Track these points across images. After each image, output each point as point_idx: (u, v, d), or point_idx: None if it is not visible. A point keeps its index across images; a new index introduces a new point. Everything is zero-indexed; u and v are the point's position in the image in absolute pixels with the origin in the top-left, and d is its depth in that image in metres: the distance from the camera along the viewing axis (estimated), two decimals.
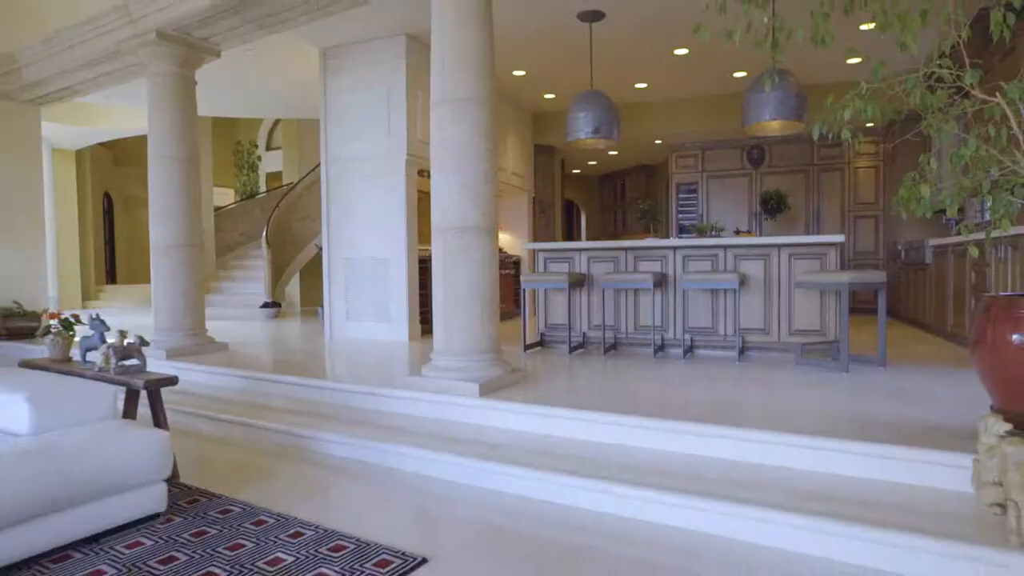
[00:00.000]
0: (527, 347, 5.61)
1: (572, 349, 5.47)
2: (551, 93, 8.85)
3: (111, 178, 14.50)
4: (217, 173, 13.58)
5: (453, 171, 3.92)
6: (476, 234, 3.92)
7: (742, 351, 5.19)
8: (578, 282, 5.55)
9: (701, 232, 6.07)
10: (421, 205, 7.79)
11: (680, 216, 10.19)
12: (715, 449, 2.94)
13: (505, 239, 9.97)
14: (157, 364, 5.41)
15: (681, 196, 10.13)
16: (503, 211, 9.99)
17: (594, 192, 13.65)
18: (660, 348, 5.43)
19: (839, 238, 4.73)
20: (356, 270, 6.88)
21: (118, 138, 11.73)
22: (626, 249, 5.61)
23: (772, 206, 7.66)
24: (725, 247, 5.26)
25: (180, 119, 5.68)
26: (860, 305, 8.27)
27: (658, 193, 11.92)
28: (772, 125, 5.63)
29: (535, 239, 10.03)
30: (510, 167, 9.14)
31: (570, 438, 3.28)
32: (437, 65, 3.99)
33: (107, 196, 14.74)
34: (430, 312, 7.32)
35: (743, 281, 5.13)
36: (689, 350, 5.34)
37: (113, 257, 15.04)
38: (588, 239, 13.76)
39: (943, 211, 7.69)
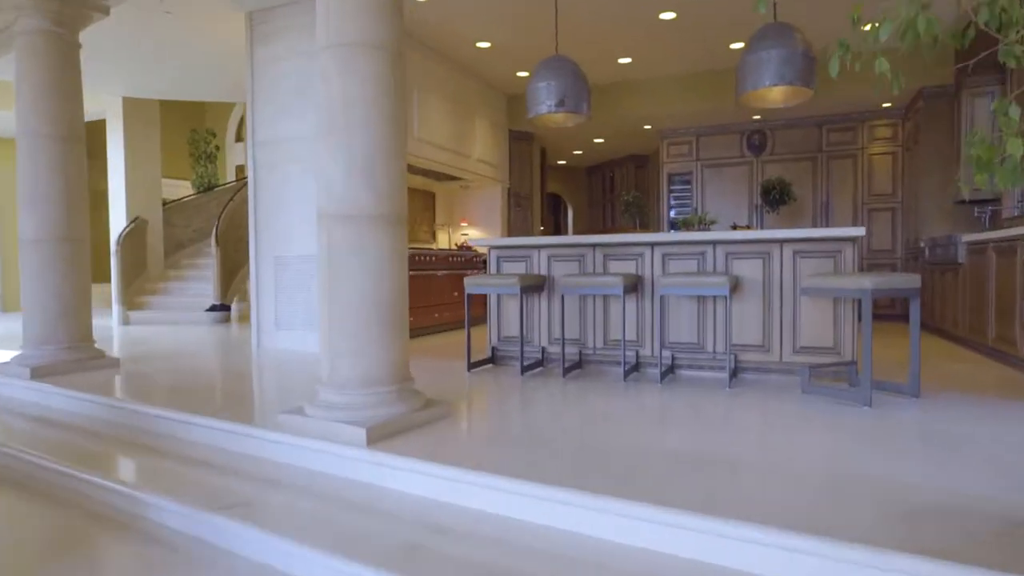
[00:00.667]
0: (473, 365, 4.61)
1: (525, 368, 4.46)
2: (525, 71, 7.83)
3: None
4: (175, 163, 12.61)
5: (342, 140, 2.92)
6: (372, 225, 2.91)
7: (734, 372, 4.18)
8: (535, 286, 4.55)
9: (687, 225, 5.03)
10: None
11: (672, 209, 9.17)
12: (687, 546, 1.93)
13: (475, 236, 8.96)
14: (18, 386, 4.42)
15: (673, 188, 9.11)
16: (472, 204, 8.99)
17: (581, 185, 12.63)
18: (634, 367, 4.42)
19: (857, 231, 3.71)
20: (287, 271, 5.88)
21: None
22: (593, 246, 4.60)
23: (774, 196, 6.66)
24: (714, 243, 4.24)
25: (56, 88, 4.69)
26: (875, 310, 7.24)
27: (650, 185, 10.90)
28: (774, 94, 4.60)
29: (509, 235, 9.03)
30: (477, 154, 8.13)
31: (490, 515, 2.27)
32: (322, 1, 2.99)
33: None
34: None
35: (736, 286, 4.12)
36: (670, 370, 4.32)
37: None
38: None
39: (975, 201, 6.64)
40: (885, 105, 7.80)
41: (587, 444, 2.72)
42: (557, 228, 13.88)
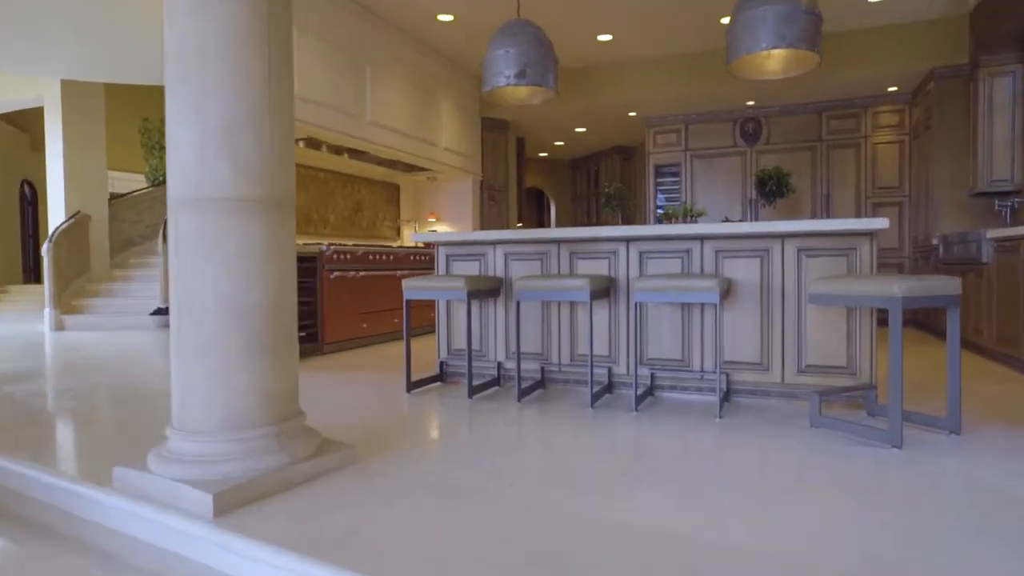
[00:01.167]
0: (416, 385, 3.85)
1: (476, 389, 3.70)
2: None
3: (30, 164, 12.71)
4: (128, 155, 11.76)
5: (191, 100, 2.16)
6: (235, 211, 2.15)
7: (726, 396, 3.44)
8: (488, 290, 3.80)
9: (671, 218, 4.25)
10: (303, 179, 6.04)
11: (660, 204, 8.43)
12: None
13: (442, 231, 8.19)
14: None
15: (661, 180, 8.38)
16: (441, 197, 8.23)
17: (565, 179, 11.89)
18: (606, 388, 3.68)
19: (878, 223, 2.97)
20: None
21: (16, 110, 9.93)
22: (558, 242, 3.85)
23: (771, 188, 5.96)
24: (701, 238, 3.50)
25: None
26: (879, 312, 6.56)
27: (637, 179, 10.18)
28: (772, 62, 3.87)
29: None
30: (444, 142, 7.37)
31: None
32: None
33: (29, 184, 13.00)
34: (310, 327, 5.54)
35: (728, 290, 3.38)
36: (648, 392, 3.58)
37: (37, 252, 13.29)
38: None
39: (996, 193, 5.94)
40: (891, 89, 7.10)
41: (529, 525, 1.97)
42: (540, 225, 13.13)
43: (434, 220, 8.18)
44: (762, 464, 2.41)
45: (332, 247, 5.58)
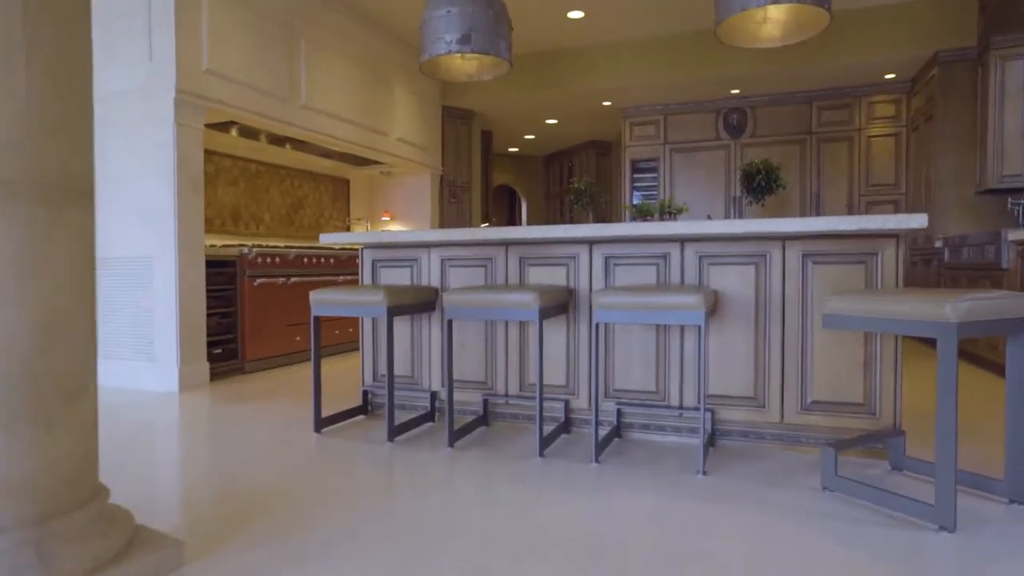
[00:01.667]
0: (327, 421, 3.09)
1: (400, 429, 2.95)
2: None
3: None
4: None
5: None
6: None
7: (711, 439, 2.74)
8: (418, 304, 3.05)
9: (645, 214, 3.52)
10: (216, 174, 5.23)
11: (637, 202, 7.75)
12: None
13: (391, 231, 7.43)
14: None
15: (638, 176, 7.70)
16: (397, 193, 7.47)
17: (537, 175, 11.18)
18: (563, 427, 2.95)
19: (915, 220, 2.26)
20: (107, 276, 4.31)
21: None
22: (505, 244, 3.12)
23: (759, 183, 5.30)
24: (682, 240, 2.80)
25: None
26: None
27: (613, 175, 9.50)
28: (769, 26, 3.19)
29: None
30: (398, 132, 6.61)
31: None
32: None
33: None
34: (228, 342, 4.62)
35: (715, 306, 2.68)
36: (615, 432, 2.86)
37: None
38: None
39: (1007, 190, 5.32)
40: (888, 76, 6.48)
41: None
42: (512, 224, 12.41)
43: (388, 219, 7.42)
44: (765, 564, 1.70)
45: (255, 250, 4.79)
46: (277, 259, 5.03)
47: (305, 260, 5.37)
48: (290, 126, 5.05)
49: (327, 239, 3.22)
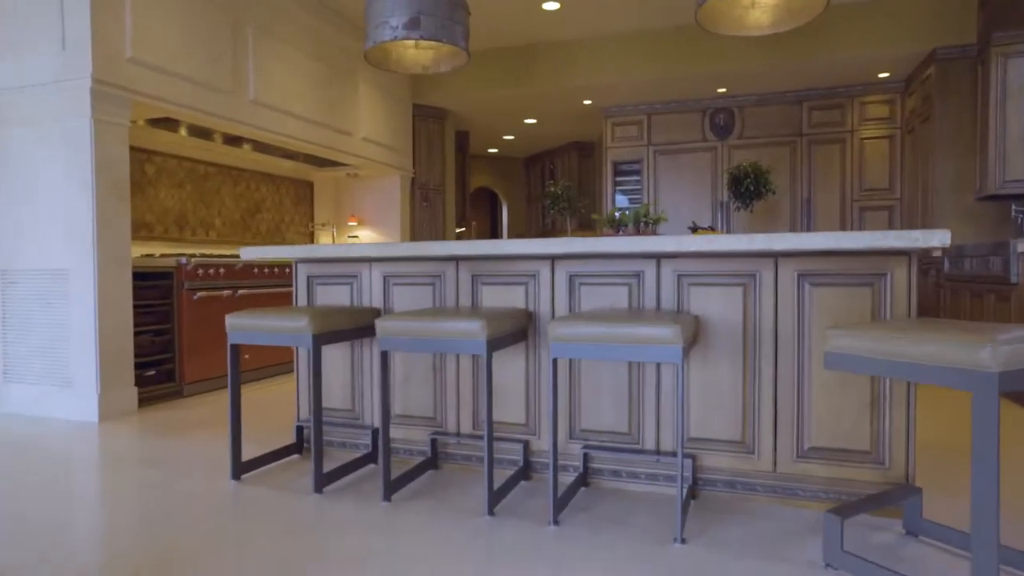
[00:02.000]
0: (250, 465, 2.66)
1: (333, 475, 2.52)
2: None
3: None
4: None
5: None
6: None
7: (693, 490, 2.34)
8: (352, 330, 2.63)
9: (615, 225, 3.08)
10: (157, 176, 4.76)
11: (622, 207, 7.37)
12: None
13: (369, 238, 7.01)
14: None
15: (620, 179, 7.32)
16: (364, 197, 7.05)
17: (518, 177, 10.78)
18: (522, 473, 2.53)
19: (935, 237, 1.86)
20: (17, 292, 3.84)
21: None
22: (455, 259, 2.70)
23: (748, 188, 4.91)
24: (658, 257, 2.40)
25: None
26: None
27: (596, 178, 9.12)
28: (758, 12, 2.81)
29: (414, 239, 7.10)
30: (364, 131, 6.18)
31: None
32: None
33: None
34: (164, 363, 4.16)
35: (696, 335, 2.29)
36: (581, 480, 2.45)
37: None
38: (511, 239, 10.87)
39: (1012, 196, 4.96)
40: (882, 75, 6.14)
41: None
42: (493, 229, 12.01)
43: (355, 224, 6.98)
44: None
45: (195, 260, 4.34)
46: (222, 269, 4.58)
47: (256, 270, 4.92)
48: (235, 123, 4.61)
49: (249, 254, 2.78)
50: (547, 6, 5.61)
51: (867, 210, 6.44)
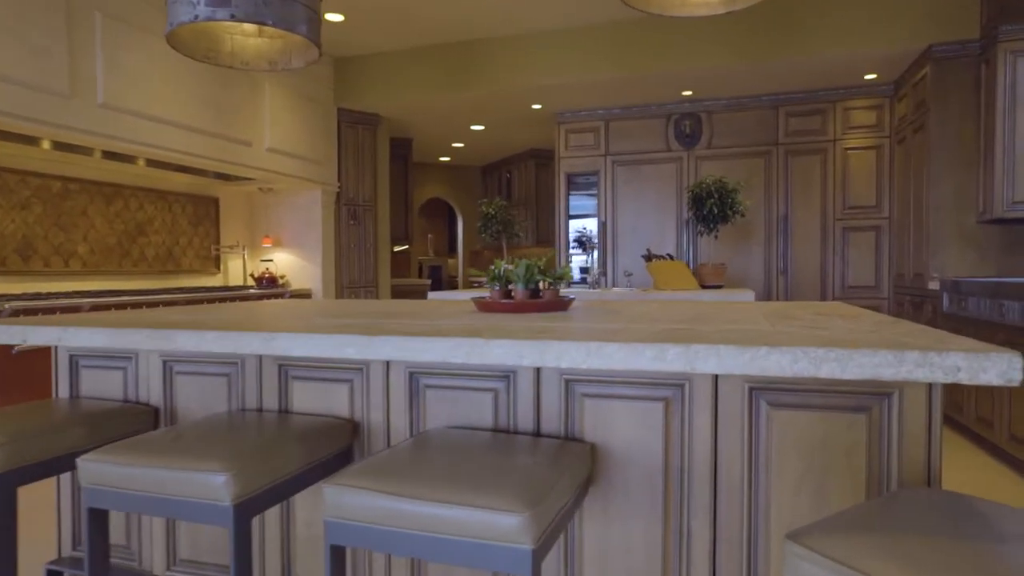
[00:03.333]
0: None
1: None
2: (337, 12, 5.06)
3: None
4: None
5: None
6: None
7: None
8: (72, 456, 1.75)
9: (505, 283, 2.21)
10: (13, 190, 3.81)
11: (574, 223, 6.55)
12: None
13: (286, 262, 6.11)
14: None
15: (575, 193, 6.49)
16: (281, 215, 6.16)
17: (475, 188, 9.92)
18: None
19: (993, 367, 1.04)
20: None
21: None
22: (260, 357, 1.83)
23: (711, 211, 4.08)
24: (514, 368, 1.54)
25: None
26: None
27: (554, 188, 8.28)
28: None
29: (339, 262, 6.22)
30: (269, 141, 5.30)
31: None
32: None
33: None
34: None
35: (593, 474, 1.44)
36: None
37: None
38: (466, 258, 10.02)
39: (1020, 220, 4.15)
40: (868, 77, 5.36)
41: None
42: (450, 245, 11.14)
43: (269, 245, 6.08)
44: None
45: None
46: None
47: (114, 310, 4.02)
48: (75, 132, 3.71)
49: None
50: None
51: (852, 230, 5.66)
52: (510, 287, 2.03)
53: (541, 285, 2.30)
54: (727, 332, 1.28)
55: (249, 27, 2.57)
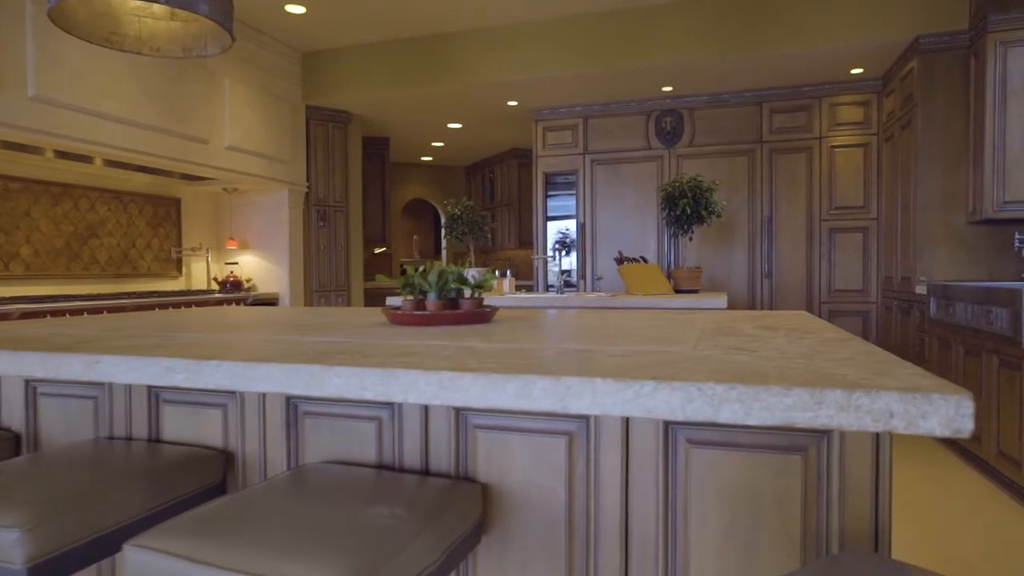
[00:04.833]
0: None
1: None
2: (298, 4, 4.84)
3: None
4: None
5: None
6: None
7: None
8: None
9: (419, 292, 1.97)
10: None
11: (555, 225, 6.32)
12: None
13: (252, 265, 5.88)
14: None
15: (553, 192, 6.27)
16: (247, 216, 5.94)
17: (459, 188, 9.69)
18: None
19: (937, 415, 0.82)
20: None
21: None
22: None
23: (684, 211, 3.85)
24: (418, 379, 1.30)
25: None
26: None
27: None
28: None
29: (307, 264, 5.99)
30: (227, 138, 5.07)
31: None
32: None
33: None
34: None
35: (486, 517, 1.20)
36: None
37: None
38: (449, 260, 9.79)
39: (1010, 221, 3.95)
40: (854, 71, 5.13)
41: None
42: (436, 246, 10.92)
43: (234, 248, 5.86)
44: None
45: None
46: None
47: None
48: (4, 127, 3.48)
49: None
50: None
51: (839, 231, 5.42)
52: (423, 296, 1.80)
53: (468, 293, 2.08)
54: (633, 355, 1.05)
55: (160, 9, 2.35)
